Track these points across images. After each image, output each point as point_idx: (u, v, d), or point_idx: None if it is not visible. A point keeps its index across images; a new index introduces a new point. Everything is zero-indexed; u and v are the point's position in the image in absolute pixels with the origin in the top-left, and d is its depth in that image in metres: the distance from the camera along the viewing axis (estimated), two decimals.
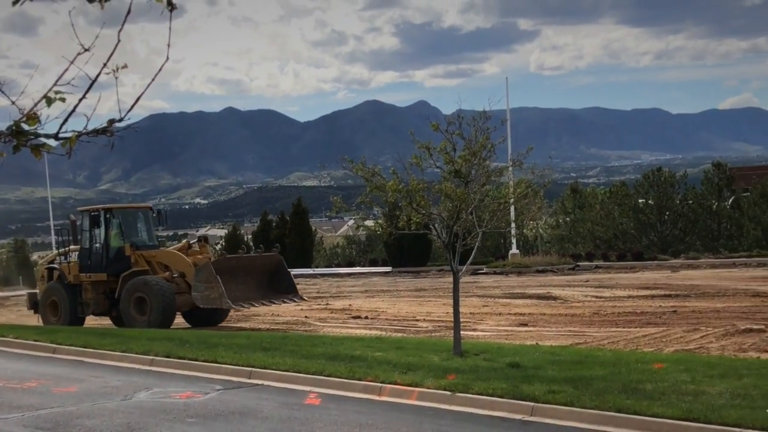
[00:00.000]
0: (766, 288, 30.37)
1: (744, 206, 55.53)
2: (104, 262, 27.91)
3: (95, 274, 27.81)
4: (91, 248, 28.27)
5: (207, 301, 26.05)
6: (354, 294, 37.53)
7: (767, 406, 12.49)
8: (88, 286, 27.88)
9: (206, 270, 26.11)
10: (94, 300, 27.81)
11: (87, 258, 28.14)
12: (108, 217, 28.29)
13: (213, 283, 25.64)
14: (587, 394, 13.78)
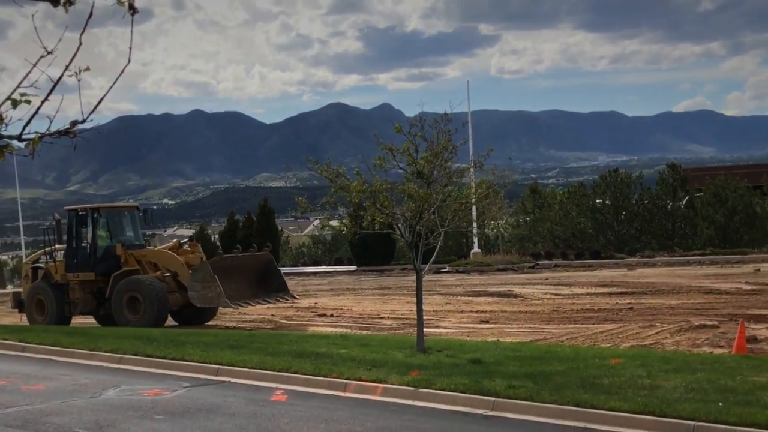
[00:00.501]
0: (719, 285, 30.60)
1: (697, 206, 55.98)
2: (92, 261, 27.39)
3: (83, 274, 27.28)
4: (78, 247, 27.74)
5: (204, 300, 25.69)
6: (320, 292, 37.44)
7: (720, 400, 12.60)
8: (75, 286, 27.34)
9: (204, 269, 25.71)
10: (82, 299, 27.29)
11: (74, 257, 27.61)
12: (96, 217, 27.78)
13: (210, 283, 25.22)
14: (546, 389, 13.84)
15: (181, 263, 26.81)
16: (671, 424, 12.01)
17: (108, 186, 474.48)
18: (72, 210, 28.76)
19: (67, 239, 28.20)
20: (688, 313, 23.85)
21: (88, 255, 27.48)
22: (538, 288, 33.21)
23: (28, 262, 30.34)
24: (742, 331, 17.58)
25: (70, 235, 27.99)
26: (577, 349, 18.29)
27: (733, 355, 16.75)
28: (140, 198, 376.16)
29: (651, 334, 20.74)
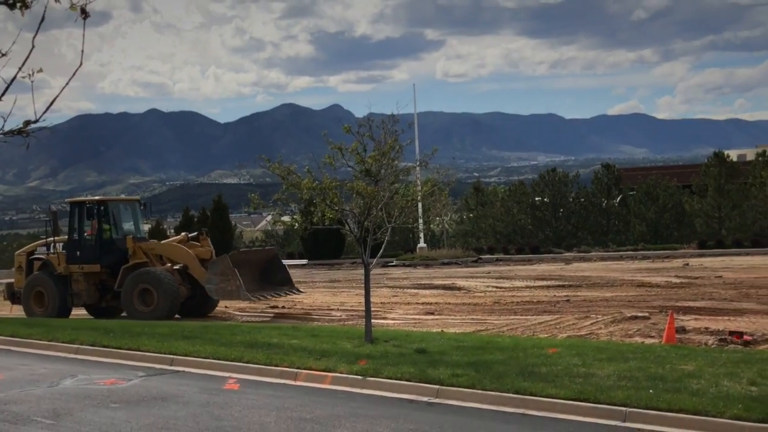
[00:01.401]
0: (650, 279, 30.99)
1: (630, 204, 56.63)
2: (97, 253, 26.46)
3: (88, 266, 26.35)
4: (81, 239, 26.77)
5: (224, 293, 25.20)
6: None
7: (651, 387, 12.75)
8: (79, 277, 26.38)
9: (223, 263, 25.13)
10: (86, 291, 26.41)
11: (76, 249, 26.63)
12: (101, 209, 26.89)
13: (230, 276, 24.68)
14: (488, 377, 13.90)
15: (192, 256, 26.11)
16: (605, 410, 12.13)
17: (67, 182, 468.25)
18: (75, 202, 27.77)
19: (69, 231, 27.23)
20: (621, 305, 24.10)
21: (93, 247, 26.53)
22: (480, 281, 33.37)
23: (22, 253, 28.99)
24: (671, 322, 17.79)
25: (72, 227, 27.02)
26: (517, 339, 18.40)
27: (663, 344, 16.94)
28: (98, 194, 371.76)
29: (586, 325, 20.92)
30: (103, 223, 26.77)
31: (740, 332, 18.40)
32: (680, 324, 19.38)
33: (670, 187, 56.24)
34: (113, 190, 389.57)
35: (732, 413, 11.36)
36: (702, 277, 30.99)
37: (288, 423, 12.24)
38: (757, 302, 23.48)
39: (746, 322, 20.05)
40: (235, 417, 12.64)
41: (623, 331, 19.77)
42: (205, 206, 60.90)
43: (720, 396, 12.12)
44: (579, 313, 22.94)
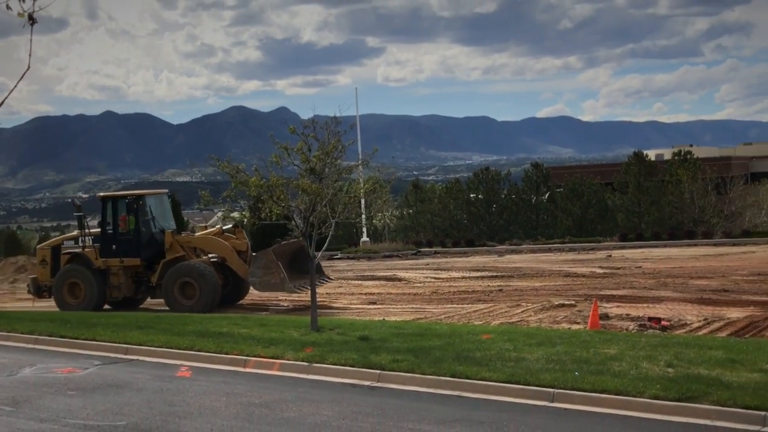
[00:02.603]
0: (576, 269, 31.29)
1: (558, 200, 57.17)
2: (137, 247, 25.20)
3: (128, 259, 25.11)
4: (116, 233, 25.31)
5: (267, 286, 24.39)
6: None
7: (577, 369, 12.89)
8: (118, 271, 25.11)
9: (266, 256, 24.18)
10: (125, 284, 25.24)
11: (111, 243, 25.22)
12: (140, 204, 25.62)
13: (273, 269, 23.79)
14: (426, 362, 13.94)
15: (230, 248, 25.17)
16: (534, 391, 12.24)
17: (26, 181, 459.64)
18: (108, 197, 26.27)
19: (102, 225, 25.75)
20: (550, 294, 24.30)
21: (132, 241, 25.26)
22: (420, 272, 33.42)
23: (46, 247, 27.23)
24: (595, 309, 18.00)
25: (106, 221, 25.57)
26: (454, 326, 18.47)
27: (587, 330, 17.13)
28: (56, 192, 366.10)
29: (517, 312, 21.07)
30: (142, 217, 25.55)
31: (658, 318, 18.67)
32: (603, 311, 19.58)
33: (594, 184, 56.87)
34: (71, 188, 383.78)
35: (651, 393, 11.53)
36: (623, 268, 31.35)
37: (238, 408, 12.16)
38: (674, 290, 23.82)
39: (664, 309, 20.33)
40: (187, 402, 12.54)
41: (551, 318, 19.94)
42: None
43: (640, 377, 12.29)
44: (511, 301, 23.08)
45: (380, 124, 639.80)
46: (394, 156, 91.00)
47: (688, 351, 13.91)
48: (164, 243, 25.14)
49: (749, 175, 70.85)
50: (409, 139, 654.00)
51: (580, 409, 11.59)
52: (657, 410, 11.18)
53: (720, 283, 25.19)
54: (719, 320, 18.49)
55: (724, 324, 18.00)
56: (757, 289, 23.56)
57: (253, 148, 31.37)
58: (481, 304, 23.07)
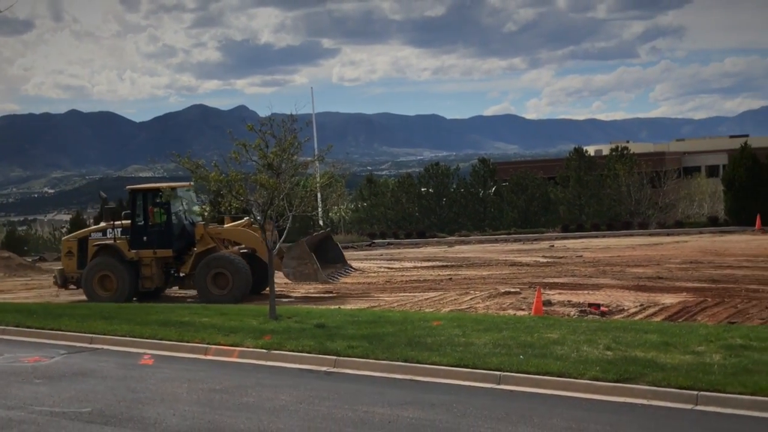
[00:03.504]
0: (521, 259, 31.48)
1: (504, 193, 57.54)
2: (169, 238, 24.45)
3: (161, 250, 24.35)
4: (146, 225, 24.56)
5: (301, 276, 23.86)
6: None
7: (521, 353, 12.97)
8: (151, 262, 24.36)
9: (300, 247, 23.81)
10: (157, 275, 24.55)
11: (142, 234, 24.42)
12: (175, 196, 24.43)
13: (307, 260, 23.46)
14: (380, 348, 13.94)
15: (259, 240, 24.35)
16: (482, 374, 12.30)
17: None
18: (139, 189, 25.28)
19: (132, 217, 24.87)
20: (497, 282, 24.41)
21: (163, 232, 24.55)
22: (374, 263, 33.39)
23: (72, 239, 26.13)
24: (539, 296, 18.11)
25: (136, 213, 24.81)
26: (406, 313, 18.48)
27: (532, 316, 17.23)
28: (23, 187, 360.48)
29: (466, 300, 21.14)
30: (173, 209, 24.72)
31: (598, 304, 18.84)
32: (547, 298, 19.70)
33: (537, 178, 57.32)
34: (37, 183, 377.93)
35: (591, 375, 11.64)
36: (565, 257, 31.60)
37: (199, 393, 12.06)
38: (612, 278, 24.05)
39: (603, 296, 20.50)
40: (150, 389, 12.40)
41: (498, 305, 20.03)
42: (122, 197, 59.59)
43: (580, 360, 12.40)
44: (460, 289, 23.15)
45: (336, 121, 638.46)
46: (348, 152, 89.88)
47: (625, 335, 14.06)
48: (194, 234, 24.66)
49: (682, 169, 71.89)
50: (364, 135, 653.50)
51: (524, 390, 11.67)
52: (597, 391, 11.29)
53: (655, 270, 25.48)
54: (654, 306, 18.70)
55: (658, 309, 18.20)
56: (689, 276, 23.87)
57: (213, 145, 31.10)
58: (432, 292, 23.10)
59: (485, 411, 10.58)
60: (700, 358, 12.23)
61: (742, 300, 19.00)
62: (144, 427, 10.35)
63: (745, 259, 27.58)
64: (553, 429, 9.70)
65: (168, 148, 23.43)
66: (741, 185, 44.06)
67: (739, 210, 43.93)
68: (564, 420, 10.04)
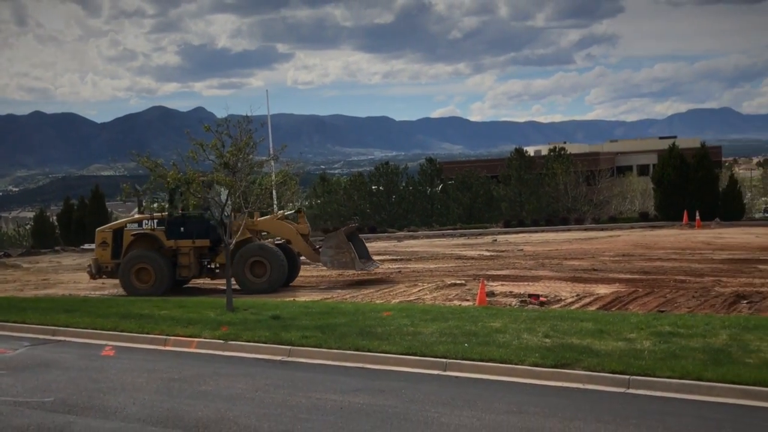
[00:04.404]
0: (466, 253, 31.63)
1: (450, 191, 57.73)
2: (206, 229, 23.52)
3: (199, 240, 23.83)
4: (185, 216, 23.77)
5: (338, 264, 23.79)
6: None
7: (466, 341, 13.02)
8: (189, 252, 23.82)
9: (338, 237, 23.85)
10: (195, 264, 24.02)
11: (179, 225, 23.80)
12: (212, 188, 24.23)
13: (344, 249, 23.45)
14: (332, 338, 13.90)
15: (295, 231, 24.40)
16: (429, 362, 12.32)
17: None
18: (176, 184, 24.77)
19: (170, 208, 24.19)
20: (443, 274, 24.50)
21: (200, 223, 23.59)
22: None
23: (107, 229, 25.16)
24: (482, 288, 18.20)
25: (173, 204, 24.03)
26: (357, 305, 18.47)
27: (476, 306, 17.31)
28: None
29: (414, 291, 21.17)
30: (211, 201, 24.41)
31: (537, 295, 19.00)
32: (490, 289, 19.81)
33: (481, 177, 57.62)
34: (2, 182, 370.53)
35: (531, 361, 11.73)
36: (507, 251, 31.81)
37: (158, 383, 11.91)
38: (550, 270, 24.28)
39: (542, 287, 20.68)
40: (111, 379, 12.22)
41: (444, 296, 20.09)
42: (84, 196, 58.63)
43: (521, 347, 12.49)
44: (409, 282, 23.19)
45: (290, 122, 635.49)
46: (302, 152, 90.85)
47: (562, 323, 14.19)
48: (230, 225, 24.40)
49: (615, 168, 72.90)
50: (317, 136, 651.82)
51: (469, 376, 11.71)
52: (536, 376, 11.38)
53: (590, 263, 25.77)
54: (589, 296, 18.90)
55: (593, 299, 18.40)
56: (621, 268, 24.19)
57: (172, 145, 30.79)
58: (382, 284, 23.12)
59: (432, 396, 10.60)
60: (631, 344, 12.38)
61: (670, 290, 19.29)
62: (105, 416, 10.19)
63: (673, 252, 28.03)
64: (495, 412, 9.75)
65: (129, 148, 23.06)
66: (669, 183, 44.73)
67: (668, 206, 44.62)
68: (506, 404, 10.10)
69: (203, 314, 17.13)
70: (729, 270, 22.58)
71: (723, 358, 11.24)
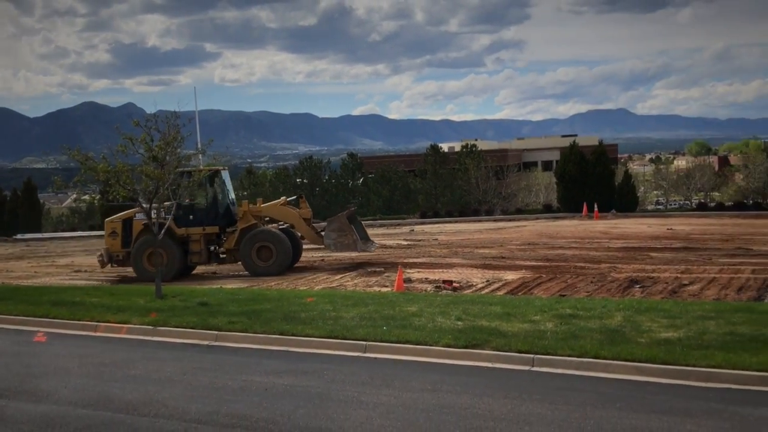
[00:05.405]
0: (386, 242, 31.68)
1: (370, 184, 57.85)
2: (215, 216, 23.46)
3: (209, 227, 23.35)
4: (193, 204, 23.33)
5: (341, 247, 23.39)
6: (76, 252, 35.25)
7: (385, 325, 13.06)
8: (199, 239, 23.25)
9: (339, 220, 23.43)
10: (205, 251, 23.41)
11: (189, 213, 23.25)
12: (218, 177, 23.78)
13: (347, 232, 23.13)
14: (258, 323, 13.77)
15: (298, 216, 23.85)
16: (350, 344, 12.31)
17: None
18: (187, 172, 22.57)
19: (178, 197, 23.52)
20: (364, 262, 24.50)
21: (209, 211, 23.48)
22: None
23: (116, 219, 24.13)
24: (400, 274, 18.29)
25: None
26: (282, 291, 18.33)
27: (394, 292, 17.36)
28: None
29: (337, 278, 21.13)
30: (219, 189, 23.85)
31: (450, 281, 19.16)
32: (407, 276, 19.91)
33: (399, 171, 57.93)
34: None
35: (444, 342, 11.83)
36: (423, 240, 32.02)
37: (89, 367, 11.60)
38: (463, 258, 24.51)
39: (455, 273, 20.85)
40: (43, 364, 11.84)
41: (365, 282, 20.10)
42: (17, 188, 56.77)
43: (435, 329, 12.59)
44: (332, 270, 23.13)
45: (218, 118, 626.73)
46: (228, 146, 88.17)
47: (473, 307, 14.34)
48: (236, 213, 23.93)
49: (522, 164, 74.15)
50: (244, 131, 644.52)
51: (387, 357, 11.74)
52: (449, 356, 11.47)
53: (499, 251, 26.12)
54: (498, 282, 19.14)
55: (502, 284, 18.64)
56: (527, 255, 24.59)
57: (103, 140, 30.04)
58: (307, 272, 23.00)
59: (352, 377, 10.60)
60: (535, 326, 12.59)
61: (571, 276, 19.69)
62: (37, 400, 9.86)
63: (573, 241, 28.63)
64: (411, 390, 9.80)
65: (60, 142, 22.37)
66: (571, 178, 45.72)
67: (569, 199, 45.63)
68: (421, 383, 10.16)
69: (133, 301, 16.75)
70: (624, 257, 23.18)
71: (618, 337, 11.53)
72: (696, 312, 13.09)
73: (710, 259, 21.90)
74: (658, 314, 13.03)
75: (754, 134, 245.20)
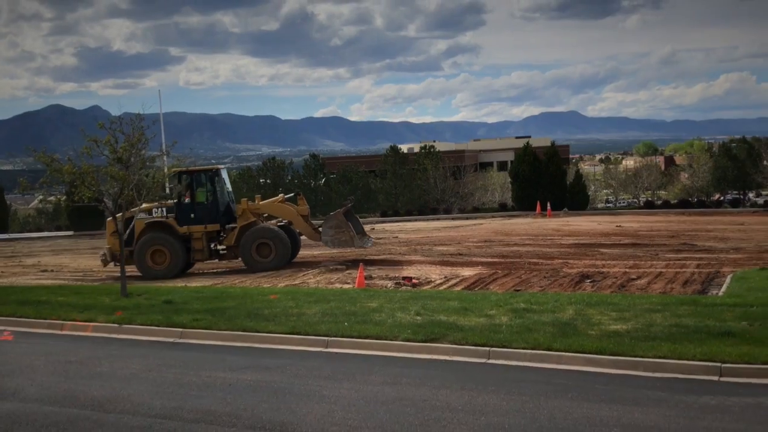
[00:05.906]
0: None
1: (332, 184, 57.67)
2: (216, 214, 23.14)
3: (210, 225, 23.05)
4: (194, 203, 23.08)
5: (338, 243, 23.22)
6: (43, 253, 34.61)
7: (346, 320, 13.03)
8: (201, 236, 23.00)
9: (337, 217, 23.32)
10: (206, 248, 23.12)
11: (189, 212, 23.02)
12: (218, 176, 23.44)
13: (343, 228, 22.96)
14: (222, 320, 13.66)
15: (296, 213, 23.69)
16: (312, 340, 12.27)
17: None
18: (187, 171, 23.30)
19: (178, 196, 23.38)
20: (326, 260, 24.42)
21: (210, 209, 23.12)
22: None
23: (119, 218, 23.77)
24: (361, 272, 18.28)
25: (181, 193, 23.23)
26: (246, 289, 18.20)
27: (355, 289, 17.36)
28: None
29: (299, 276, 21.03)
30: (219, 187, 23.50)
31: (410, 277, 19.22)
32: (368, 273, 19.90)
33: (360, 171, 57.83)
34: None
35: (404, 336, 11.84)
36: (384, 238, 32.06)
37: (56, 365, 11.40)
38: (422, 255, 24.58)
39: (414, 270, 20.91)
40: (10, 362, 11.61)
41: (327, 279, 20.05)
42: None
43: (395, 324, 12.59)
44: (295, 267, 23.00)
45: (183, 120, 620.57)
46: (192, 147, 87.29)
47: (432, 302, 14.38)
48: (235, 211, 23.70)
49: (478, 164, 74.53)
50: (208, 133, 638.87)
51: (349, 352, 11.72)
52: (409, 350, 11.49)
53: (456, 248, 26.25)
54: (456, 278, 19.22)
55: (459, 280, 18.73)
56: (483, 252, 24.74)
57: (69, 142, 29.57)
58: (271, 271, 22.84)
59: (315, 371, 10.56)
60: (491, 320, 12.66)
61: (525, 271, 19.85)
62: (4, 397, 9.66)
63: (527, 238, 28.88)
64: (372, 384, 9.79)
65: (27, 144, 21.99)
66: (524, 177, 46.11)
67: (523, 198, 46.00)
68: (381, 376, 10.16)
69: (99, 300, 16.51)
70: (575, 253, 23.44)
71: (569, 330, 11.65)
72: (643, 305, 13.27)
73: (657, 255, 22.23)
74: (607, 308, 13.19)
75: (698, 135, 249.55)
